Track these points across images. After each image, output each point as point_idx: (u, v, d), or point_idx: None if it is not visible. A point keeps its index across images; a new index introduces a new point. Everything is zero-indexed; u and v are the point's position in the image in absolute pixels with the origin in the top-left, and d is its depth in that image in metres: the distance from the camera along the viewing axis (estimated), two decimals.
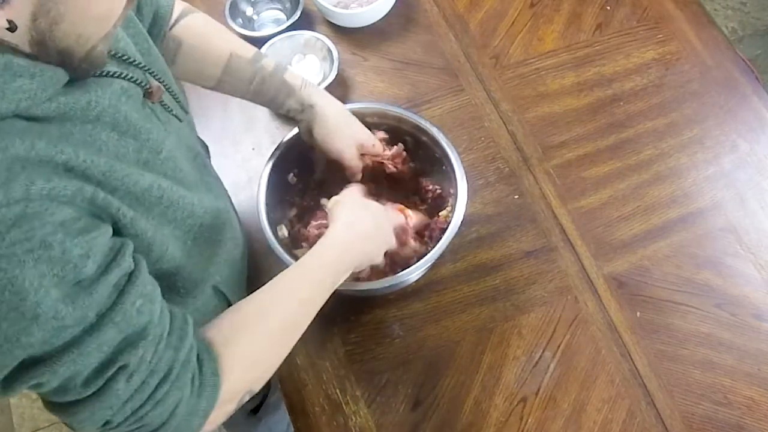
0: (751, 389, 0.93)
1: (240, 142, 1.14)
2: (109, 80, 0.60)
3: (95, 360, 0.54)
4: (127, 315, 0.55)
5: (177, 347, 0.61)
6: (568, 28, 1.24)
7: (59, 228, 0.50)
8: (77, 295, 0.52)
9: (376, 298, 1.00)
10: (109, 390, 0.56)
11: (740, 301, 0.99)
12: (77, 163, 0.53)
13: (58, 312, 0.50)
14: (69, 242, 0.51)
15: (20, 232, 0.48)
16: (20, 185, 0.48)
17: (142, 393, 0.58)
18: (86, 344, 0.53)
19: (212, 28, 0.90)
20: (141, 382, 0.58)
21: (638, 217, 1.06)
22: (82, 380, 0.55)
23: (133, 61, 0.65)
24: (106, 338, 0.54)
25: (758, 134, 1.13)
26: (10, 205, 0.47)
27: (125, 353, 0.56)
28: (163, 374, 0.59)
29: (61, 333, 0.51)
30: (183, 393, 0.60)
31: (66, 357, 0.52)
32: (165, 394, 0.59)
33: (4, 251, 0.47)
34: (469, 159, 1.11)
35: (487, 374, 0.95)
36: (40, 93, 0.51)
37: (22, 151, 0.49)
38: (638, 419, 0.91)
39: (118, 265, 0.55)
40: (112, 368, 0.55)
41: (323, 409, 0.94)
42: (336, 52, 1.16)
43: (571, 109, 1.15)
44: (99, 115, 0.56)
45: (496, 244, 1.04)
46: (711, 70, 1.19)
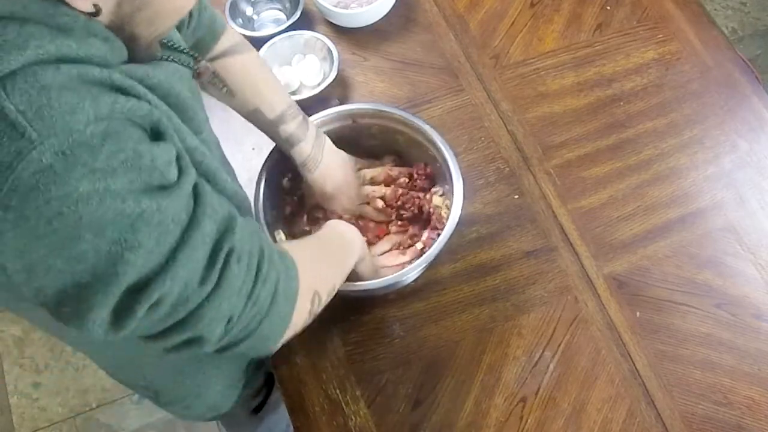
0: (751, 389, 0.93)
1: (240, 142, 1.14)
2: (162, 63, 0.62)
3: (203, 253, 0.56)
4: (213, 206, 0.58)
5: (255, 231, 0.64)
6: (568, 28, 1.24)
7: (142, 140, 0.52)
8: (168, 194, 0.53)
9: (375, 298, 1.00)
10: (226, 277, 0.57)
11: (740, 301, 0.99)
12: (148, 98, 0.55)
13: (160, 205, 0.51)
14: (155, 149, 0.52)
15: (112, 145, 0.49)
16: (107, 102, 0.50)
17: (250, 273, 0.60)
18: (191, 240, 0.54)
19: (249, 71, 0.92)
20: (247, 261, 0.60)
21: (638, 217, 1.06)
22: (198, 279, 0.56)
23: (179, 47, 0.67)
24: (206, 230, 0.56)
25: (758, 134, 1.13)
26: (99, 121, 0.49)
27: (227, 238, 0.58)
28: (258, 253, 0.62)
29: (165, 235, 0.52)
30: (278, 271, 0.64)
31: (178, 257, 0.53)
32: (267, 271, 0.62)
33: (100, 165, 0.48)
34: (469, 159, 1.11)
35: (487, 374, 0.95)
36: (108, 57, 0.53)
37: (103, 78, 0.51)
38: (638, 419, 0.91)
39: (187, 174, 0.57)
40: (222, 255, 0.57)
41: (323, 409, 0.94)
42: (336, 52, 1.16)
43: (571, 109, 1.15)
44: (155, 85, 0.58)
45: (496, 244, 1.04)
46: (711, 70, 1.19)
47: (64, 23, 0.50)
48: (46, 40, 0.48)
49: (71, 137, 0.47)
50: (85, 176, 0.47)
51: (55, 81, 0.47)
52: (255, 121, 0.94)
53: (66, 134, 0.47)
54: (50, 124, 0.46)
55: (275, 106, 0.92)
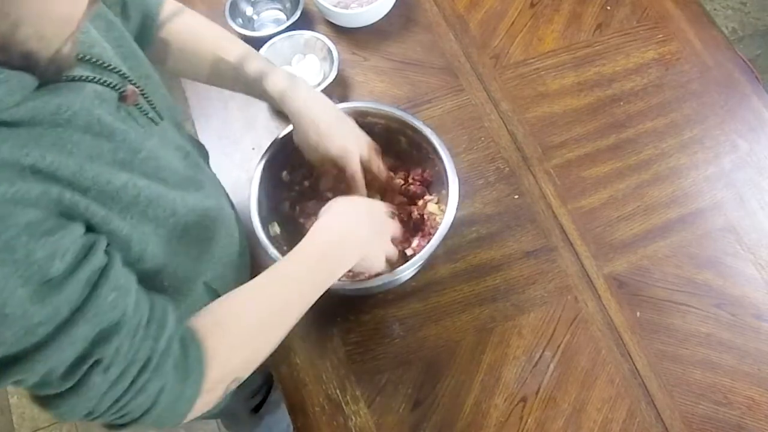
0: (751, 389, 0.93)
1: (240, 141, 1.14)
2: (82, 84, 0.60)
3: (70, 355, 0.55)
4: (101, 310, 0.56)
5: (156, 336, 0.61)
6: (568, 28, 1.25)
7: (24, 230, 0.50)
8: (46, 293, 0.52)
9: (376, 298, 1.00)
10: (87, 383, 0.57)
11: (740, 301, 0.99)
12: (44, 166, 0.53)
13: (26, 311, 0.51)
14: (33, 244, 0.51)
15: None
16: None
17: (122, 383, 0.58)
18: (60, 341, 0.54)
19: (198, 28, 0.89)
20: (119, 373, 0.58)
21: (638, 217, 1.06)
22: (59, 375, 0.55)
23: (107, 65, 0.64)
24: (80, 334, 0.55)
25: (758, 134, 1.13)
26: None
27: (100, 347, 0.56)
28: (142, 364, 0.59)
29: (33, 331, 0.52)
30: (165, 381, 0.61)
31: (41, 354, 0.53)
32: (146, 382, 0.60)
33: None
34: (469, 159, 1.11)
35: (487, 374, 0.95)
36: (7, 99, 0.51)
37: None
38: (638, 419, 0.91)
39: (89, 262, 0.55)
40: (88, 362, 0.56)
41: (323, 409, 0.94)
42: (336, 52, 1.16)
43: (571, 109, 1.15)
44: (70, 118, 0.56)
45: (496, 244, 1.04)
46: (711, 70, 1.19)
47: None
48: None
49: None
50: None
51: None
52: (220, 75, 0.89)
53: None
54: None
55: (234, 48, 0.89)
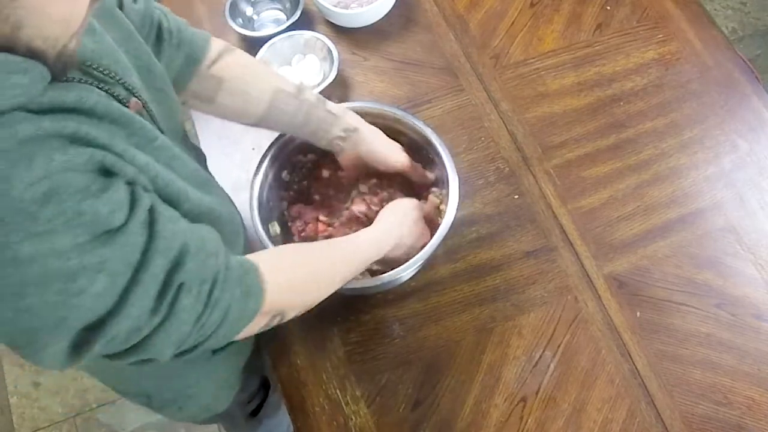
0: (751, 389, 0.93)
1: (240, 142, 1.14)
2: (91, 88, 0.60)
3: (153, 290, 0.57)
4: (166, 241, 0.58)
5: (215, 253, 0.64)
6: (568, 28, 1.24)
7: (84, 194, 0.52)
8: (113, 242, 0.54)
9: (375, 298, 1.00)
10: (178, 308, 0.59)
11: (740, 301, 0.99)
12: (82, 134, 0.54)
13: (103, 256, 0.52)
14: (97, 203, 0.53)
15: (52, 208, 0.49)
16: (40, 163, 0.49)
17: (200, 301, 0.61)
18: (142, 280, 0.55)
19: (254, 65, 0.91)
20: (198, 291, 0.61)
21: (638, 217, 1.06)
22: (148, 312, 0.57)
23: (115, 76, 0.65)
24: (157, 267, 0.57)
25: (758, 134, 1.13)
26: (35, 184, 0.49)
27: (178, 273, 0.59)
28: (212, 280, 0.62)
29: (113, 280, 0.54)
30: (233, 295, 0.65)
31: (130, 298, 0.55)
32: (218, 297, 0.63)
33: (41, 229, 0.49)
34: (469, 159, 1.11)
35: (487, 374, 0.95)
36: (32, 88, 0.52)
37: (30, 132, 0.50)
38: (638, 419, 0.91)
39: (140, 205, 0.57)
40: (172, 290, 0.58)
41: (323, 409, 0.94)
42: (336, 52, 1.16)
43: (571, 109, 1.15)
44: (91, 108, 0.57)
45: (496, 244, 1.04)
46: (711, 70, 1.19)
47: None
48: None
49: (9, 205, 0.47)
50: (26, 240, 0.48)
51: None
52: (278, 106, 0.89)
53: (4, 203, 0.47)
54: None
55: (288, 80, 0.91)
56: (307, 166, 1.04)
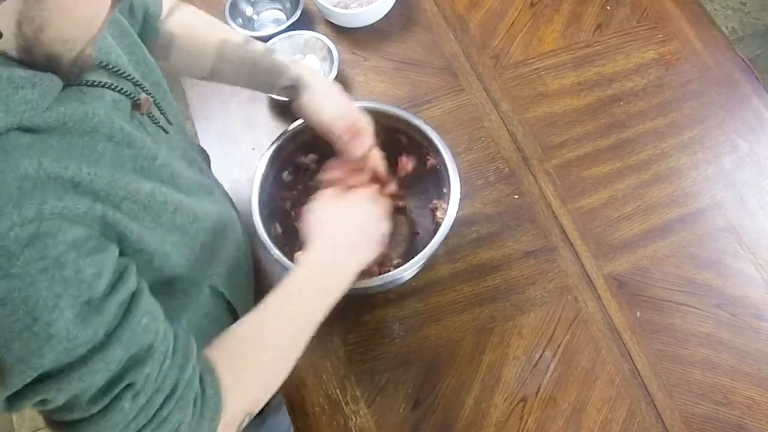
0: (751, 389, 0.93)
1: (240, 142, 1.14)
2: (101, 91, 0.60)
3: (102, 378, 0.54)
4: (135, 333, 0.56)
5: (182, 366, 0.60)
6: (568, 28, 1.25)
7: (72, 247, 0.50)
8: (88, 314, 0.52)
9: (375, 298, 1.00)
10: (116, 408, 0.56)
11: (740, 301, 0.99)
12: (82, 178, 0.53)
13: (70, 332, 0.50)
14: (82, 261, 0.51)
15: (34, 252, 0.48)
16: (33, 204, 0.48)
17: (147, 411, 0.58)
18: (94, 362, 0.53)
19: (202, 19, 0.91)
20: (146, 400, 0.57)
21: (638, 217, 1.06)
22: (88, 398, 0.55)
23: (123, 73, 0.65)
24: (114, 356, 0.54)
25: (758, 134, 1.13)
26: (24, 225, 0.47)
27: (132, 371, 0.56)
28: (168, 392, 0.59)
29: (71, 352, 0.52)
30: (185, 414, 0.60)
31: (74, 374, 0.52)
32: (169, 413, 0.59)
33: (18, 271, 0.47)
34: (469, 159, 1.11)
35: (487, 374, 0.95)
36: (40, 102, 0.51)
37: (31, 170, 0.49)
38: (638, 419, 0.91)
39: (125, 284, 0.55)
40: (119, 386, 0.55)
41: (323, 409, 0.94)
42: (336, 52, 1.16)
43: (571, 109, 1.15)
44: (96, 126, 0.56)
45: (496, 244, 1.04)
46: (711, 70, 1.19)
47: None
48: None
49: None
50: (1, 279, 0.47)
51: None
52: (225, 58, 0.88)
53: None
54: None
55: (235, 33, 0.91)
56: (311, 167, 1.04)
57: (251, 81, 0.92)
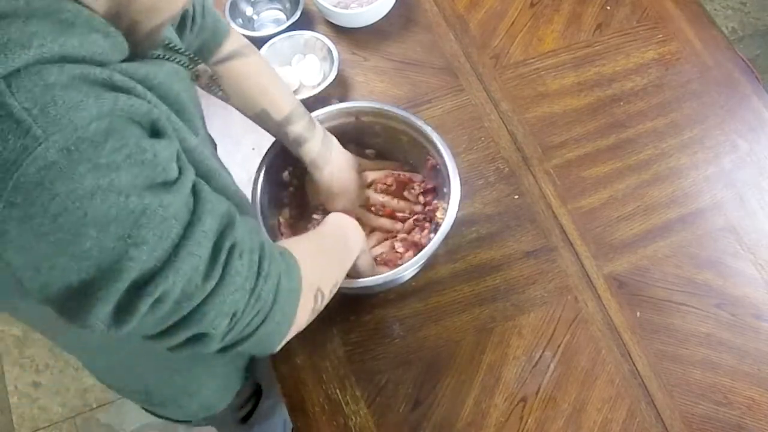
0: (751, 389, 0.93)
1: (240, 141, 1.14)
2: (161, 62, 0.62)
3: (206, 249, 0.56)
4: (213, 202, 0.58)
5: (254, 229, 0.64)
6: (568, 28, 1.25)
7: (144, 135, 0.52)
8: (170, 191, 0.53)
9: (376, 298, 1.00)
10: (229, 272, 0.57)
11: (740, 301, 0.99)
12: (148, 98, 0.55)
13: (162, 201, 0.52)
14: (157, 145, 0.52)
15: (115, 141, 0.49)
16: (108, 100, 0.49)
17: (252, 269, 0.60)
18: (193, 235, 0.54)
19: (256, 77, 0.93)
20: (249, 258, 0.60)
21: (638, 217, 1.06)
22: (201, 275, 0.55)
23: (178, 48, 0.67)
24: (207, 225, 0.56)
25: (758, 134, 1.13)
26: (102, 118, 0.49)
27: (228, 234, 0.58)
28: (259, 249, 0.62)
29: (169, 228, 0.53)
30: (279, 268, 0.64)
31: (181, 253, 0.53)
32: (269, 267, 0.62)
33: (104, 160, 0.48)
34: (469, 159, 1.11)
35: (487, 374, 0.95)
36: (109, 53, 0.53)
37: (103, 77, 0.50)
38: (638, 419, 0.91)
39: (188, 169, 0.57)
40: (224, 251, 0.57)
41: (323, 409, 0.94)
42: (336, 52, 1.16)
43: (571, 109, 1.15)
44: (157, 86, 0.58)
45: (496, 244, 1.04)
46: (711, 70, 1.19)
47: (66, 18, 0.49)
48: (48, 39, 0.48)
49: (75, 134, 0.47)
50: (89, 172, 0.47)
51: (59, 80, 0.47)
52: (261, 122, 0.94)
53: (70, 131, 0.47)
54: (54, 121, 0.46)
55: (282, 107, 0.92)
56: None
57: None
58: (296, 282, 0.67)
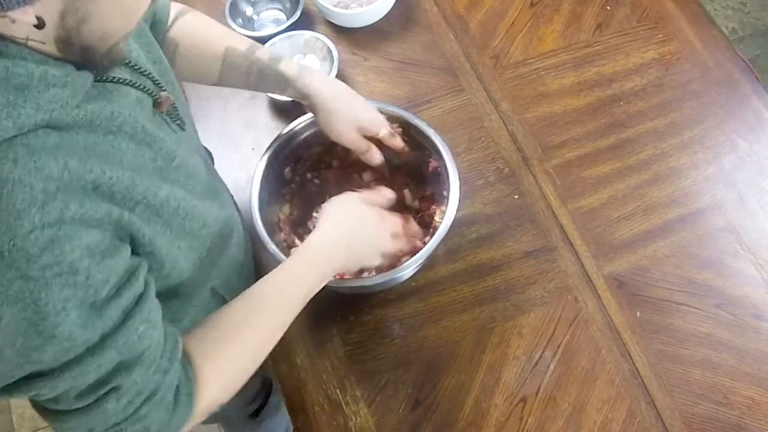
0: (751, 389, 0.93)
1: (240, 142, 1.14)
2: (126, 90, 0.61)
3: (92, 378, 0.56)
4: (130, 340, 0.57)
5: (166, 370, 0.62)
6: (568, 28, 1.24)
7: (86, 252, 0.51)
8: (90, 316, 0.53)
9: (376, 298, 1.00)
10: (99, 407, 0.58)
11: (740, 301, 0.99)
12: (104, 181, 0.54)
13: (72, 333, 0.52)
14: (94, 267, 0.52)
15: (51, 256, 0.49)
16: (56, 209, 0.49)
17: (127, 410, 0.60)
18: (87, 363, 0.54)
19: (205, 25, 0.90)
20: (128, 401, 0.59)
21: (638, 217, 1.06)
22: (75, 394, 0.56)
23: (144, 71, 0.65)
24: (107, 359, 0.56)
25: (758, 134, 1.13)
26: (44, 229, 0.48)
27: (121, 376, 0.57)
28: (148, 395, 0.60)
29: (68, 351, 0.53)
30: (159, 414, 0.62)
31: (67, 373, 0.54)
32: (147, 413, 0.61)
33: (34, 274, 0.48)
34: (469, 159, 1.11)
35: (487, 374, 0.95)
36: (70, 100, 0.52)
37: (56, 173, 0.50)
38: (638, 419, 0.91)
39: (131, 287, 0.56)
40: (106, 388, 0.57)
41: (323, 409, 0.94)
42: (336, 52, 1.16)
43: (571, 109, 1.15)
44: (121, 125, 0.57)
45: (496, 244, 1.03)
46: (711, 70, 1.19)
47: (21, 83, 0.48)
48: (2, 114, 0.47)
49: (12, 241, 0.47)
50: (15, 280, 0.48)
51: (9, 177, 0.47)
52: (231, 65, 0.88)
53: (8, 237, 0.47)
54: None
55: (243, 41, 0.89)
56: (312, 158, 1.04)
57: (261, 87, 0.92)
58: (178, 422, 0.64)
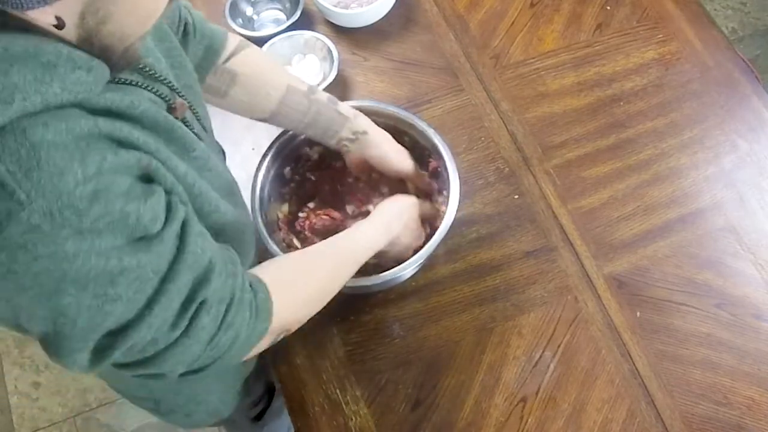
0: (751, 389, 0.93)
1: (240, 142, 1.14)
2: (139, 91, 0.62)
3: (177, 303, 0.58)
4: (194, 256, 0.59)
5: (234, 273, 0.65)
6: (568, 28, 1.24)
7: (129, 196, 0.52)
8: (149, 248, 0.54)
9: (376, 298, 1.00)
10: (197, 325, 0.60)
11: (740, 301, 0.99)
12: (134, 139, 0.55)
13: (140, 261, 0.53)
14: (142, 208, 0.53)
15: (100, 207, 0.50)
16: (94, 161, 0.50)
17: (216, 321, 0.62)
18: (168, 291, 0.56)
19: (268, 62, 0.93)
20: (216, 312, 0.61)
21: (638, 217, 1.06)
22: (169, 325, 0.58)
23: (159, 76, 0.66)
24: (182, 281, 0.57)
25: (758, 134, 1.13)
26: (88, 182, 0.49)
27: (201, 289, 0.59)
28: (229, 300, 0.63)
29: (144, 283, 0.54)
30: (244, 318, 0.65)
31: (153, 308, 0.55)
32: (233, 317, 0.63)
33: (88, 226, 0.49)
34: (469, 159, 1.11)
35: (487, 374, 0.95)
36: (94, 87, 0.53)
37: (87, 130, 0.50)
38: (638, 419, 0.91)
39: (175, 217, 0.58)
40: (194, 305, 0.59)
41: (323, 409, 0.94)
42: (336, 52, 1.16)
43: (571, 109, 1.15)
44: (141, 114, 0.58)
45: (496, 244, 1.04)
46: (711, 70, 1.19)
47: (48, 60, 0.49)
48: (31, 90, 0.47)
49: (59, 200, 0.48)
50: (71, 236, 0.49)
51: (44, 139, 0.48)
52: (289, 103, 0.90)
53: (54, 196, 0.47)
54: (38, 185, 0.47)
55: (300, 79, 0.92)
56: (313, 159, 1.04)
57: (310, 129, 0.94)
58: (261, 328, 0.68)
